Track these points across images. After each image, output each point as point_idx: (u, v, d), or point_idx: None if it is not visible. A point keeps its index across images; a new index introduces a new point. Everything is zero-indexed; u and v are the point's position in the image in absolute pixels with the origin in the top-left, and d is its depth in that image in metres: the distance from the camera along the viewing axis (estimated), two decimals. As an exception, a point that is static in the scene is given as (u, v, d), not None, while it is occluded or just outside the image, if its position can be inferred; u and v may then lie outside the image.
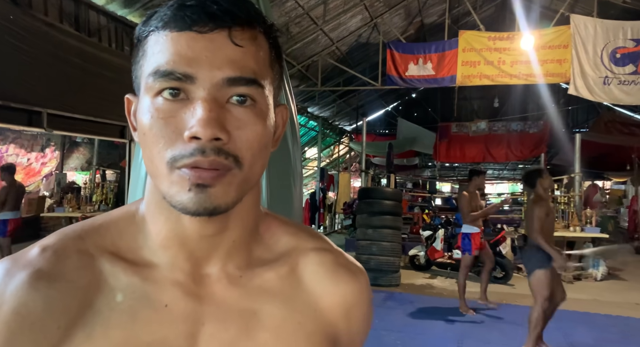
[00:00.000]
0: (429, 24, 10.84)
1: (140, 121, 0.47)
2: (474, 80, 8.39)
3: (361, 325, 0.58)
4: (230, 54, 0.45)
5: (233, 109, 0.45)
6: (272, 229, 0.57)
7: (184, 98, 0.44)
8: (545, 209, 3.81)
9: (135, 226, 0.52)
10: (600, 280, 7.13)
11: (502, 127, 13.63)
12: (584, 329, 4.75)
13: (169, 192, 0.45)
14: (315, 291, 0.54)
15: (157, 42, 0.45)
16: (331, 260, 0.57)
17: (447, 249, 7.58)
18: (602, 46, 7.63)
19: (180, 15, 0.45)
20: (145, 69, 0.46)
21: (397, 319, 5.04)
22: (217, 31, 0.45)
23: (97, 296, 0.47)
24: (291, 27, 7.93)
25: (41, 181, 10.74)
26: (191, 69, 0.43)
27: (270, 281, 0.53)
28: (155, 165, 0.45)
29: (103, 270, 0.48)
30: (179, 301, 0.49)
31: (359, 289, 0.57)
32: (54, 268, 0.47)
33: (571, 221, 7.16)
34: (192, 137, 0.43)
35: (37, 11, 4.08)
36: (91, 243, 0.50)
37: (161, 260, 0.50)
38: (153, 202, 0.51)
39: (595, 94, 7.70)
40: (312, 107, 11.86)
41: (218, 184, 0.44)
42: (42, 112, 3.92)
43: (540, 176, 3.90)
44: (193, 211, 0.44)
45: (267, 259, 0.55)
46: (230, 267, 0.52)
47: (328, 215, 13.06)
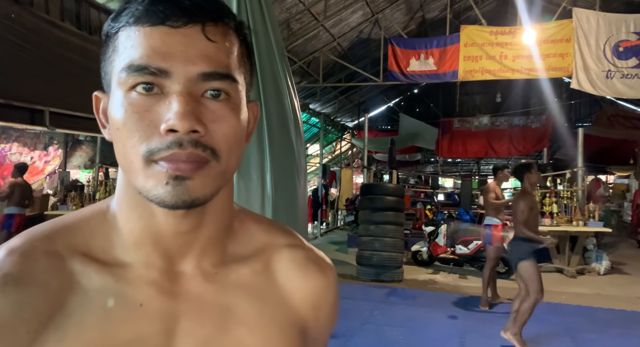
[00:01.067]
0: (431, 19, 10.80)
1: (112, 117, 0.46)
2: (476, 75, 8.37)
3: (328, 317, 0.60)
4: (204, 48, 0.45)
5: (208, 103, 0.45)
6: (246, 226, 0.58)
7: (158, 92, 0.44)
8: (530, 203, 3.91)
9: (107, 224, 0.51)
10: (603, 274, 7.12)
11: (505, 122, 13.61)
12: (587, 324, 4.75)
13: (145, 186, 0.45)
14: (287, 286, 0.56)
15: (128, 37, 0.45)
16: (302, 256, 0.58)
17: (449, 245, 7.59)
18: (605, 40, 7.59)
19: (153, 10, 0.44)
20: (117, 65, 0.46)
21: (399, 314, 5.06)
22: (191, 26, 0.45)
23: (69, 297, 0.46)
24: (292, 23, 7.91)
25: (45, 179, 10.78)
26: (166, 64, 0.44)
27: (245, 277, 0.54)
28: (129, 159, 0.45)
29: (74, 271, 0.47)
30: (154, 299, 0.49)
31: (327, 284, 0.59)
32: (22, 271, 0.45)
33: (574, 215, 7.15)
34: (169, 130, 0.43)
35: (39, 9, 4.08)
36: (61, 244, 0.49)
37: (135, 259, 0.50)
38: (125, 199, 0.50)
39: (598, 88, 7.66)
40: (314, 103, 11.84)
41: (196, 176, 0.44)
42: (45, 110, 3.93)
43: (528, 170, 3.99)
44: (171, 204, 0.44)
45: (241, 255, 0.55)
46: (205, 264, 0.52)
47: (330, 211, 13.07)
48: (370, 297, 5.71)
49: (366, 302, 5.45)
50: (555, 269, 7.18)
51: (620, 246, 10.17)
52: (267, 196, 1.27)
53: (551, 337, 3.94)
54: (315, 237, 11.21)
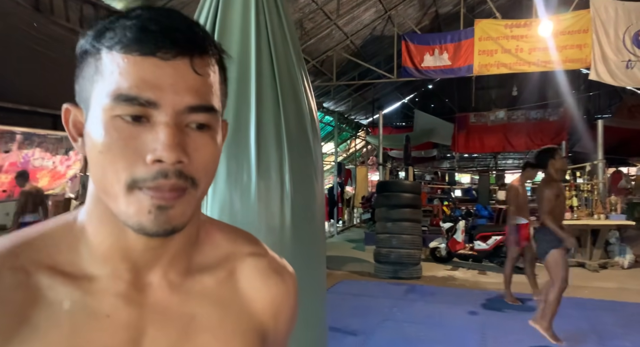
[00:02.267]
0: (444, 14, 10.70)
1: (93, 138, 0.46)
2: (491, 69, 8.27)
3: (287, 321, 0.63)
4: (192, 82, 0.46)
5: (191, 132, 0.47)
6: (211, 236, 0.60)
7: (144, 122, 0.45)
8: (556, 191, 3.74)
9: (73, 237, 0.51)
10: (627, 268, 6.99)
11: (521, 116, 13.41)
12: (611, 318, 4.68)
13: (127, 212, 0.46)
14: (250, 294, 0.59)
15: (114, 63, 0.45)
16: (265, 265, 0.61)
17: (468, 241, 7.54)
18: (624, 29, 7.42)
19: (143, 40, 0.45)
20: (101, 88, 0.46)
21: (419, 311, 5.05)
22: (179, 59, 0.46)
23: (35, 311, 0.46)
24: (305, 23, 7.93)
25: (66, 183, 11.03)
26: (155, 96, 0.45)
27: (209, 286, 0.56)
28: (109, 183, 0.46)
29: (40, 285, 0.47)
30: (120, 310, 0.50)
31: (286, 292, 0.62)
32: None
33: (595, 208, 7.03)
34: (156, 160, 0.44)
35: (59, 17, 4.19)
36: (26, 259, 0.48)
37: (102, 271, 0.50)
38: (96, 213, 0.51)
39: (618, 79, 7.50)
40: (328, 102, 11.86)
41: (177, 205, 0.46)
42: (67, 116, 4.03)
43: (552, 156, 3.80)
44: (152, 232, 0.46)
45: (206, 264, 0.57)
46: (171, 275, 0.54)
47: (346, 209, 13.08)
48: (388, 294, 5.72)
49: (385, 299, 5.46)
50: (577, 264, 7.08)
51: (644, 239, 9.96)
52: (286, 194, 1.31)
53: (575, 332, 3.89)
54: (332, 235, 11.23)
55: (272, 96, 1.42)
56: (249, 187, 1.35)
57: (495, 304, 5.27)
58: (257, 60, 1.41)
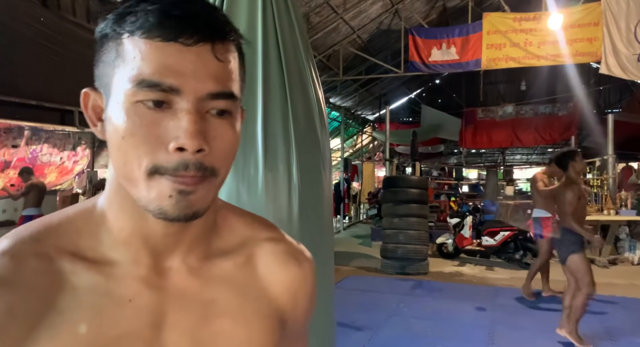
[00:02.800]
0: (452, 7, 10.59)
1: (115, 123, 0.46)
2: (500, 63, 8.18)
3: (305, 307, 0.63)
4: (213, 69, 0.46)
5: (211, 119, 0.47)
6: (229, 220, 0.60)
7: (166, 108, 0.45)
8: (578, 193, 3.74)
9: (94, 222, 0.52)
10: (637, 264, 6.92)
11: (530, 111, 13.28)
12: (621, 314, 4.63)
13: (147, 197, 0.46)
14: (268, 279, 0.59)
15: (137, 48, 0.45)
16: (282, 250, 0.61)
17: (475, 236, 7.49)
18: (636, 22, 7.30)
19: (165, 25, 0.44)
20: (122, 73, 0.46)
21: (426, 307, 5.03)
22: (202, 45, 0.46)
23: (60, 296, 0.47)
24: (311, 17, 7.89)
25: (74, 178, 11.11)
26: (177, 82, 0.44)
27: (228, 271, 0.56)
28: (130, 169, 0.46)
29: (64, 270, 0.49)
30: (142, 294, 0.50)
31: (303, 277, 0.62)
32: (12, 274, 0.46)
33: (605, 204, 6.96)
34: (178, 148, 0.44)
35: (66, 12, 4.19)
36: (49, 245, 0.49)
37: (123, 256, 0.51)
38: (116, 199, 0.52)
39: (629, 72, 7.39)
40: (334, 97, 11.81)
41: (199, 190, 0.46)
42: (74, 110, 4.05)
43: (573, 158, 3.82)
44: (173, 217, 0.46)
45: (224, 249, 0.58)
46: (190, 259, 0.54)
47: (353, 205, 13.07)
48: (395, 290, 5.70)
49: (392, 295, 5.44)
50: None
51: (655, 235, 9.85)
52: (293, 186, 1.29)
53: (584, 328, 3.85)
54: (338, 231, 11.22)
55: (280, 87, 1.40)
56: (256, 179, 1.33)
57: (503, 300, 5.24)
58: (263, 49, 1.39)
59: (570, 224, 3.70)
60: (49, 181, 10.26)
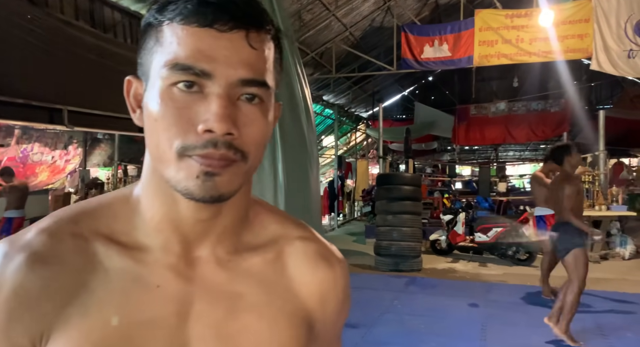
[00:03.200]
0: (444, 4, 10.61)
1: (150, 107, 0.48)
2: (492, 60, 8.20)
3: (335, 312, 0.61)
4: (246, 55, 0.47)
5: (243, 106, 0.48)
6: (261, 216, 0.60)
7: (197, 91, 0.46)
8: (576, 187, 3.75)
9: (129, 208, 0.54)
10: (628, 259, 6.98)
11: (523, 107, 13.34)
12: (612, 309, 4.67)
13: (176, 177, 0.47)
14: (297, 278, 0.57)
15: (174, 34, 0.47)
16: (313, 250, 0.60)
17: (468, 233, 7.52)
18: (626, 18, 7.34)
19: (202, 11, 0.46)
20: (159, 58, 0.47)
21: (420, 303, 5.05)
22: (236, 31, 0.47)
23: (92, 277, 0.49)
24: (303, 14, 7.86)
25: (66, 178, 11.02)
26: (209, 66, 0.46)
27: (257, 266, 0.56)
28: (162, 150, 0.47)
29: (97, 252, 0.50)
30: (170, 282, 0.51)
31: (334, 279, 0.60)
32: (50, 251, 0.49)
33: (596, 199, 7.00)
34: (207, 130, 0.45)
35: (54, 9, 4.14)
36: (85, 226, 0.52)
37: (154, 242, 0.52)
38: (151, 185, 0.53)
39: (620, 69, 7.44)
40: (328, 95, 11.79)
41: (225, 173, 0.47)
42: (63, 109, 4.00)
43: (568, 152, 3.81)
44: (199, 197, 0.47)
45: (254, 244, 0.57)
46: (220, 251, 0.54)
47: (347, 203, 13.06)
48: (389, 287, 5.71)
49: (386, 292, 5.45)
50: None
51: (646, 230, 9.93)
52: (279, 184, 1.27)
53: (576, 324, 3.87)
54: (333, 228, 11.23)
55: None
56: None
57: (495, 296, 5.26)
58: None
59: (570, 219, 3.69)
60: (40, 180, 10.18)
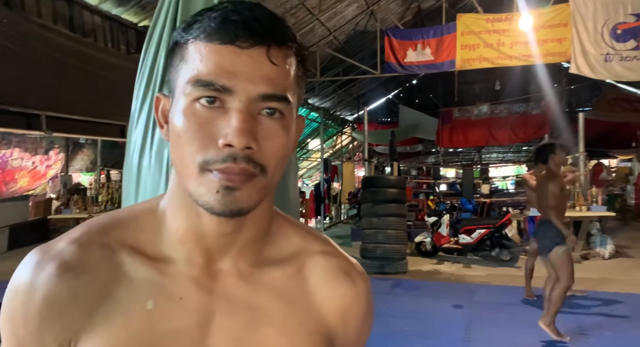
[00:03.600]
0: (426, 8, 10.72)
1: (174, 123, 0.49)
2: (474, 63, 8.31)
3: (357, 329, 0.60)
4: (267, 71, 0.48)
5: (263, 120, 0.48)
6: (283, 230, 0.60)
7: (219, 106, 0.47)
8: (560, 186, 3.79)
9: (155, 220, 0.55)
10: (608, 258, 7.11)
11: (505, 110, 13.54)
12: (592, 308, 4.75)
13: (197, 192, 0.48)
14: (318, 294, 0.57)
15: (198, 51, 0.48)
16: (335, 265, 0.60)
17: (452, 234, 7.59)
18: (603, 23, 7.51)
19: (224, 29, 0.47)
20: (184, 74, 0.49)
21: (405, 305, 5.07)
22: (257, 48, 0.47)
23: (118, 286, 0.51)
24: (287, 18, 7.86)
25: (47, 183, 10.81)
26: (230, 82, 0.46)
27: (278, 280, 0.56)
28: (186, 165, 0.48)
29: (123, 263, 0.52)
30: (192, 294, 0.52)
31: (356, 295, 0.60)
32: (79, 261, 0.51)
33: (577, 200, 7.12)
34: (227, 144, 0.46)
35: (30, 13, 4.07)
36: (113, 237, 0.53)
37: (178, 254, 0.53)
38: (176, 199, 0.54)
39: (597, 72, 7.60)
40: (313, 98, 11.81)
41: (244, 188, 0.47)
42: (41, 114, 3.93)
43: (552, 151, 3.84)
44: (219, 212, 0.48)
45: (276, 258, 0.58)
46: (241, 264, 0.55)
47: (333, 206, 13.08)
48: (374, 289, 5.60)
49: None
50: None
51: (625, 229, 10.14)
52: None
53: (557, 323, 3.93)
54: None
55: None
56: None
57: (479, 298, 5.31)
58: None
59: (551, 217, 3.71)
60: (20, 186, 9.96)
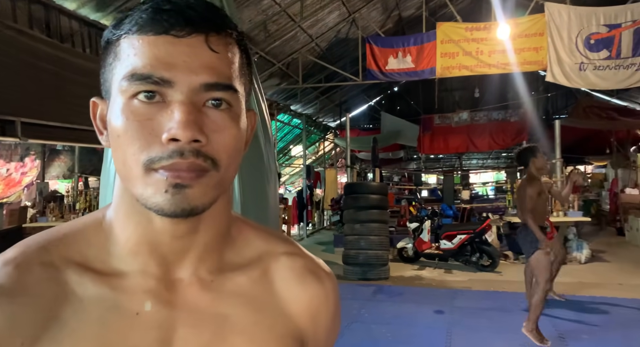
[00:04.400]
0: (407, 16, 10.87)
1: (113, 124, 0.46)
2: (454, 71, 8.45)
3: (327, 329, 0.59)
4: (207, 59, 0.45)
5: (209, 112, 0.46)
6: (244, 233, 0.58)
7: (159, 101, 0.44)
8: (538, 189, 3.77)
9: (102, 233, 0.51)
10: (584, 263, 7.27)
11: (484, 117, 13.79)
12: (569, 312, 4.83)
13: (144, 194, 0.45)
14: (285, 296, 0.55)
15: (131, 45, 0.45)
16: (301, 265, 0.58)
17: (434, 240, 7.65)
18: (577, 33, 7.74)
19: (157, 19, 0.44)
20: (119, 72, 0.45)
21: (386, 311, 5.08)
22: (194, 36, 0.45)
23: (64, 308, 0.46)
24: (269, 25, 7.88)
25: (22, 191, 10.54)
26: (169, 74, 0.44)
27: (242, 285, 0.53)
28: (129, 167, 0.45)
29: (69, 281, 0.47)
30: (150, 308, 0.48)
31: (325, 295, 0.58)
32: (16, 283, 0.46)
33: (554, 206, 7.27)
34: (171, 139, 0.43)
35: (5, 18, 3.99)
36: (56, 254, 0.49)
37: (131, 267, 0.50)
38: (122, 207, 0.50)
39: (572, 80, 7.81)
40: (295, 104, 11.82)
41: (196, 185, 0.44)
42: (16, 121, 3.84)
43: (533, 154, 3.84)
44: (170, 212, 0.44)
45: (238, 263, 0.55)
46: (202, 272, 0.52)
47: (316, 212, 13.06)
48: (357, 296, 5.73)
49: (353, 301, 5.46)
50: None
51: (600, 234, 10.39)
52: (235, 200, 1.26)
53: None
54: (302, 238, 11.19)
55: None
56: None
57: (460, 303, 5.36)
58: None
59: (527, 221, 3.69)
60: (-7, 194, 9.68)
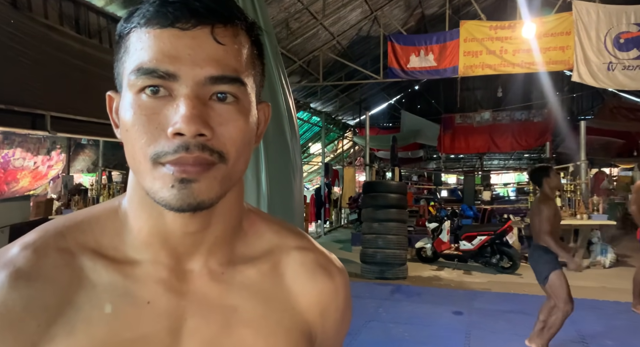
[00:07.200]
0: (430, 15, 10.77)
1: (122, 118, 0.46)
2: (476, 70, 8.34)
3: (336, 324, 0.59)
4: (212, 52, 0.45)
5: (216, 106, 0.45)
6: (256, 226, 0.58)
7: (166, 95, 0.44)
8: (554, 209, 3.68)
9: (117, 221, 0.52)
10: (608, 267, 7.10)
11: (506, 117, 13.57)
12: (593, 317, 4.73)
13: (152, 188, 0.45)
14: (295, 290, 0.55)
15: (139, 39, 0.45)
16: (311, 260, 0.58)
17: (453, 241, 7.58)
18: (606, 32, 7.54)
19: (162, 12, 0.44)
20: (127, 66, 0.46)
21: (404, 311, 5.06)
22: (200, 28, 0.44)
23: (78, 293, 0.47)
24: (291, 22, 7.90)
25: (48, 183, 10.83)
26: (174, 67, 0.44)
27: (252, 278, 0.54)
28: (138, 161, 0.45)
29: (84, 267, 0.48)
30: (161, 297, 0.49)
31: (334, 290, 0.58)
32: (33, 267, 0.46)
33: (578, 208, 7.12)
34: (176, 133, 0.43)
35: (37, 14, 4.10)
36: (72, 240, 0.49)
37: (143, 256, 0.50)
38: (136, 198, 0.51)
39: (599, 81, 7.62)
40: (315, 102, 11.84)
41: (202, 179, 0.44)
42: (46, 115, 3.95)
43: (547, 174, 3.72)
44: (177, 207, 0.44)
45: (249, 255, 0.55)
46: (212, 264, 0.52)
47: (334, 210, 13.07)
48: (374, 294, 5.71)
49: (371, 300, 5.45)
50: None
51: (625, 238, 10.12)
52: (262, 194, 1.27)
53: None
54: (319, 236, 11.21)
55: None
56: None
57: (480, 304, 5.30)
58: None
59: (549, 243, 3.58)
60: (21, 186, 9.98)
